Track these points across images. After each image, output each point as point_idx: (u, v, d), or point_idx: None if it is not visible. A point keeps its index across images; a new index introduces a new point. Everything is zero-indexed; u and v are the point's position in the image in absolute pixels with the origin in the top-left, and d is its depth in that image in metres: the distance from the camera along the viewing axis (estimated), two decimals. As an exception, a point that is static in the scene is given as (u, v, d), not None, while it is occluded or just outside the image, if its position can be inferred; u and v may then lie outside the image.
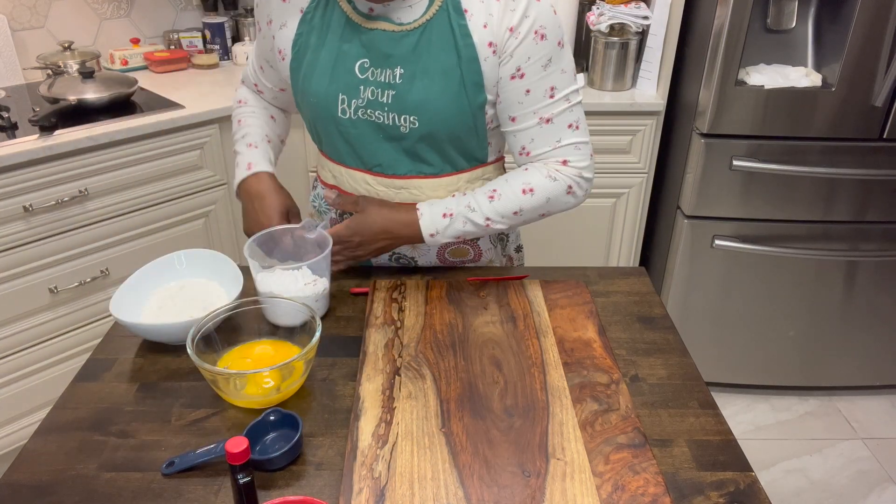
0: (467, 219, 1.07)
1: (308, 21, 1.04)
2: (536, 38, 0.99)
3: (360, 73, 1.03)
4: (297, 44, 1.06)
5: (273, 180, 1.15)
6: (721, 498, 0.76)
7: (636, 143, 2.09)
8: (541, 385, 0.91)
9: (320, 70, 1.04)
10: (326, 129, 1.09)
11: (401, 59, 1.00)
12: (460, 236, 1.09)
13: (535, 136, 1.06)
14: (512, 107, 1.04)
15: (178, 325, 0.95)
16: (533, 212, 1.09)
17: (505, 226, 1.09)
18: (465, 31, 0.99)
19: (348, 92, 1.04)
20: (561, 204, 1.10)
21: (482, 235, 1.14)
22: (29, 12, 2.12)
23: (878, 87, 1.78)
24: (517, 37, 0.98)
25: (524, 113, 1.04)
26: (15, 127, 1.73)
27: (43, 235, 1.72)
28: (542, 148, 1.07)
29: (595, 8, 2.08)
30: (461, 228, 1.07)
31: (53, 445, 0.83)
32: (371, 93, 1.03)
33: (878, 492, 1.94)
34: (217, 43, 2.36)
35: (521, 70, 1.01)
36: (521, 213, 1.08)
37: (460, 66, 1.00)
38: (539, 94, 1.03)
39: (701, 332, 2.16)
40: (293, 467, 0.79)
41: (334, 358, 0.97)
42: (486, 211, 1.07)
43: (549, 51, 1.00)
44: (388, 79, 1.02)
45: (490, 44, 0.99)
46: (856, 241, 1.99)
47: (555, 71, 1.02)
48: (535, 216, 1.10)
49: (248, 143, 1.19)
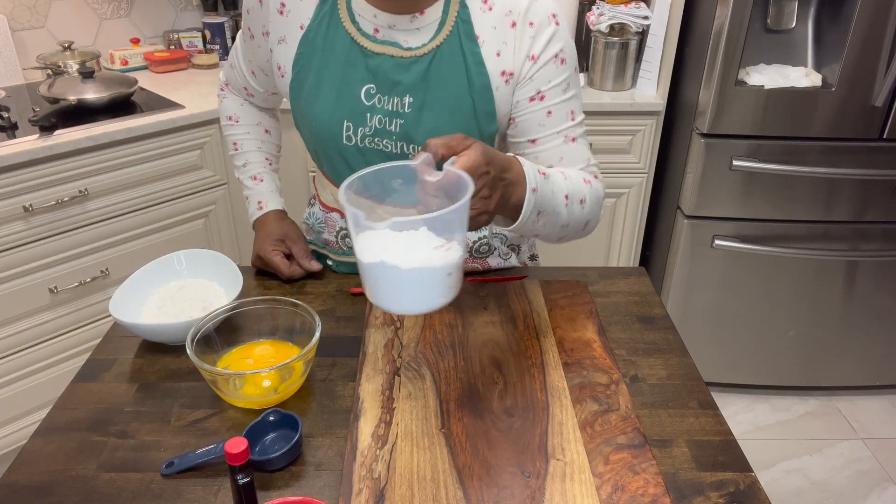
0: (555, 186, 0.91)
1: (310, 40, 0.99)
2: (557, 61, 0.97)
3: (366, 100, 0.99)
4: (297, 63, 1.01)
5: (279, 215, 1.18)
6: (721, 498, 0.76)
7: (636, 143, 2.09)
8: (540, 385, 0.91)
9: (324, 95, 1.00)
10: (328, 154, 1.06)
11: (409, 88, 0.97)
12: (542, 211, 0.88)
13: (563, 154, 1.01)
14: (532, 129, 1.00)
15: (177, 326, 0.95)
16: (582, 212, 0.97)
17: (564, 217, 0.94)
18: (478, 59, 0.96)
19: (354, 119, 1.00)
20: (596, 212, 1.03)
21: (555, 220, 0.92)
22: (29, 12, 2.11)
23: (878, 87, 1.78)
24: (539, 63, 0.96)
25: (547, 135, 1.00)
26: (15, 127, 1.73)
27: (43, 235, 1.72)
28: (574, 166, 1.02)
29: (595, 8, 2.08)
30: (549, 195, 0.89)
31: (53, 446, 0.83)
32: (378, 121, 0.99)
33: (878, 492, 1.94)
34: (217, 43, 2.36)
35: (542, 93, 0.98)
36: (584, 202, 0.97)
37: (472, 94, 0.97)
38: (561, 116, 1.00)
39: (701, 332, 2.16)
40: (293, 468, 0.79)
41: (334, 358, 0.97)
42: (564, 188, 0.93)
43: (568, 75, 0.98)
44: (396, 107, 0.98)
45: (503, 73, 0.97)
46: (856, 241, 1.99)
47: (574, 96, 1.00)
48: (580, 218, 0.98)
49: (253, 175, 1.20)
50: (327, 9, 0.98)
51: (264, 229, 1.16)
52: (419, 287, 0.72)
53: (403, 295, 0.73)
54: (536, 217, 0.88)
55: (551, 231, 0.95)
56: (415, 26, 0.96)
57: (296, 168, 2.10)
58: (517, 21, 0.95)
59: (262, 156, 1.22)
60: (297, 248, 1.14)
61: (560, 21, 0.97)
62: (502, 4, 0.96)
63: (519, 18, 0.95)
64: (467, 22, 0.96)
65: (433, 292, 0.72)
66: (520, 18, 0.95)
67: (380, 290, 0.73)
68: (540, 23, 0.95)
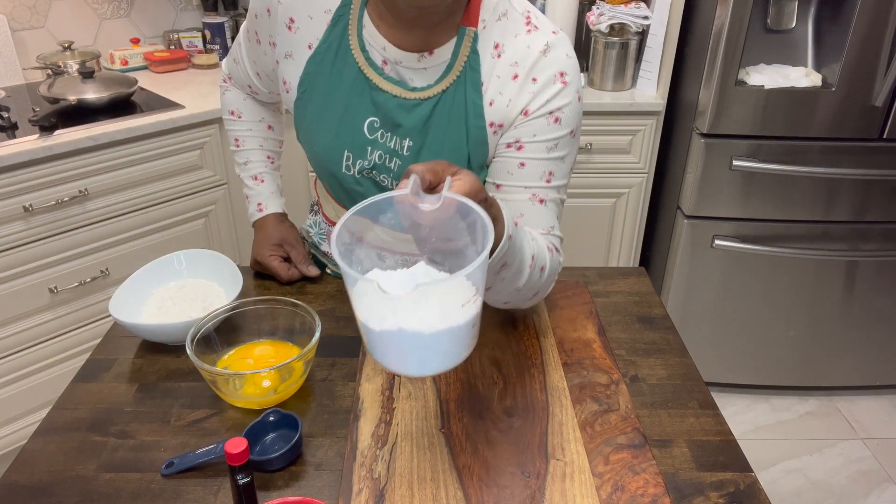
0: (525, 242, 0.84)
1: (318, 62, 0.96)
2: (549, 119, 0.90)
3: (368, 133, 0.95)
4: (303, 83, 0.97)
5: (278, 218, 1.18)
6: (721, 498, 0.76)
7: (636, 143, 2.09)
8: (540, 385, 0.91)
9: (327, 121, 0.97)
10: (326, 176, 1.04)
11: (410, 131, 0.94)
12: (508, 264, 0.80)
13: (525, 211, 0.93)
14: (500, 174, 0.94)
15: (177, 326, 0.95)
16: (539, 280, 0.91)
17: (524, 278, 0.86)
18: (478, 112, 0.92)
19: (354, 150, 0.97)
20: (549, 285, 0.96)
21: (516, 278, 0.85)
22: (29, 12, 2.11)
23: (878, 87, 1.78)
24: (529, 117, 0.91)
25: (513, 185, 0.93)
26: (15, 127, 1.73)
27: (43, 235, 1.72)
28: (535, 228, 0.94)
29: (595, 8, 2.08)
30: (519, 247, 0.82)
31: (53, 446, 0.83)
32: (378, 156, 0.96)
33: (878, 492, 1.94)
34: (217, 43, 2.36)
35: (521, 143, 0.92)
36: (544, 271, 0.91)
37: (468, 146, 0.93)
38: (536, 173, 0.92)
39: (701, 332, 2.16)
40: (293, 468, 0.79)
41: (334, 358, 0.97)
42: (532, 247, 0.87)
43: (559, 135, 0.91)
44: (397, 146, 0.96)
45: (492, 123, 0.92)
46: (856, 241, 1.99)
47: (559, 158, 0.93)
48: (534, 286, 0.91)
49: (254, 174, 1.19)
50: (337, 33, 0.94)
51: (263, 232, 1.16)
52: (444, 348, 0.64)
53: (425, 359, 0.64)
54: (500, 269, 0.80)
55: (502, 288, 0.86)
56: (422, 66, 0.92)
57: (296, 168, 2.10)
58: (520, 74, 0.90)
59: (263, 154, 1.21)
60: (296, 252, 1.14)
61: (569, 79, 0.90)
62: (511, 53, 0.91)
63: (523, 72, 0.90)
64: (475, 70, 0.91)
65: (459, 349, 0.65)
66: (524, 72, 0.90)
67: (395, 357, 0.64)
68: (545, 81, 0.89)
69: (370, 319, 0.63)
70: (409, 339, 0.62)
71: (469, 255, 0.68)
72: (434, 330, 0.61)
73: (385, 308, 0.61)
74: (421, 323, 0.61)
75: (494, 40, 0.91)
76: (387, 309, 0.61)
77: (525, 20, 0.91)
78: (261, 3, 0.98)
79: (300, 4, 0.95)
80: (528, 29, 0.91)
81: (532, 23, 0.91)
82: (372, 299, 0.61)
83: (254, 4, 1.00)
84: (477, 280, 0.63)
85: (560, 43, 0.91)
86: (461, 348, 0.65)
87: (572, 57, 0.92)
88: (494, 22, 0.91)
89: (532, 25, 0.91)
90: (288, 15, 0.96)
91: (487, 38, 0.91)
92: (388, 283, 0.59)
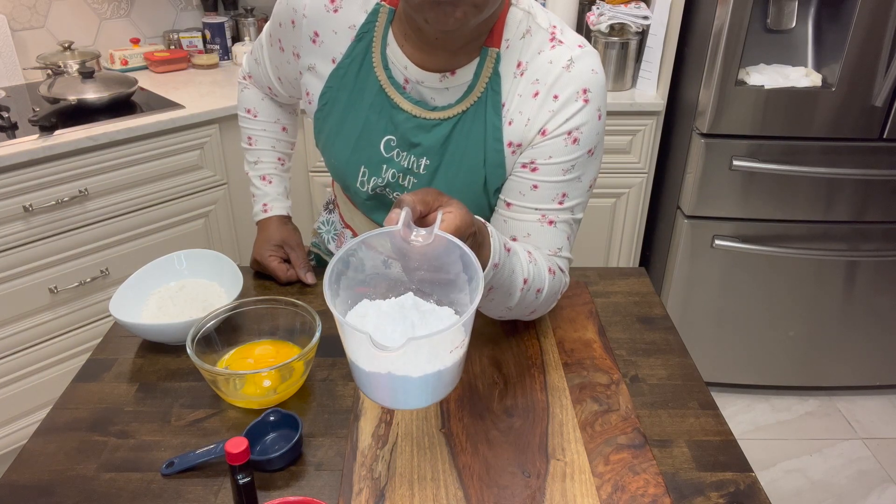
0: (517, 266, 0.85)
1: (341, 77, 0.96)
2: (568, 139, 0.89)
3: (384, 151, 0.95)
4: (325, 96, 0.98)
5: (282, 220, 1.18)
6: (721, 498, 0.76)
7: (636, 143, 2.09)
8: (541, 385, 0.91)
9: (345, 135, 0.97)
10: (343, 187, 1.05)
11: (427, 151, 0.94)
12: (495, 288, 0.82)
13: (533, 232, 0.93)
14: (512, 193, 0.93)
15: (177, 326, 0.95)
16: (534, 301, 0.92)
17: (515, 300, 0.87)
18: (497, 134, 0.90)
19: (370, 167, 0.97)
20: (549, 305, 0.97)
21: (506, 300, 0.87)
22: (29, 12, 2.11)
23: (878, 87, 1.78)
24: (547, 137, 0.89)
25: (524, 206, 0.93)
26: (15, 127, 1.73)
27: (43, 235, 1.72)
28: (542, 248, 0.94)
29: (595, 8, 2.08)
30: (508, 274, 0.83)
31: (53, 446, 0.83)
32: (392, 175, 0.96)
33: (879, 492, 1.94)
34: (217, 43, 2.36)
35: (536, 164, 0.90)
36: (541, 293, 0.91)
37: (485, 168, 0.92)
38: (548, 195, 0.91)
39: (701, 332, 2.16)
40: (293, 468, 0.79)
41: (334, 358, 0.97)
42: (526, 271, 0.87)
43: (576, 157, 0.90)
44: (413, 166, 0.95)
45: (510, 143, 0.91)
46: (856, 241, 1.99)
47: (574, 179, 0.91)
48: (529, 306, 0.92)
49: (262, 174, 1.19)
50: (361, 49, 0.94)
51: (265, 232, 1.16)
52: (431, 388, 0.66)
53: (412, 397, 0.67)
54: (486, 292, 0.81)
55: (492, 307, 0.89)
56: (444, 85, 0.92)
57: (296, 168, 2.10)
58: (541, 91, 0.89)
59: (275, 155, 1.21)
60: (295, 255, 1.14)
61: (592, 97, 0.88)
62: (534, 70, 0.89)
63: (544, 89, 0.89)
64: (497, 92, 0.90)
65: (446, 387, 0.68)
66: (545, 89, 0.89)
67: (383, 394, 0.67)
68: (566, 98, 0.88)
69: (360, 359, 0.66)
70: (398, 381, 0.65)
71: (459, 284, 0.69)
72: (423, 373, 0.64)
73: (370, 350, 0.62)
74: (411, 368, 0.64)
75: (517, 59, 0.90)
76: (372, 351, 0.62)
77: (550, 35, 0.90)
78: (285, 14, 0.98)
79: (325, 19, 0.95)
80: (552, 45, 0.90)
81: (557, 37, 0.90)
82: (362, 342, 0.63)
83: (278, 12, 1.00)
84: (467, 326, 0.65)
85: (585, 57, 0.89)
86: (448, 386, 0.68)
87: (599, 72, 0.89)
88: (518, 40, 0.90)
89: (557, 40, 0.90)
90: (312, 28, 0.96)
91: (510, 58, 0.90)
92: (379, 336, 0.61)
